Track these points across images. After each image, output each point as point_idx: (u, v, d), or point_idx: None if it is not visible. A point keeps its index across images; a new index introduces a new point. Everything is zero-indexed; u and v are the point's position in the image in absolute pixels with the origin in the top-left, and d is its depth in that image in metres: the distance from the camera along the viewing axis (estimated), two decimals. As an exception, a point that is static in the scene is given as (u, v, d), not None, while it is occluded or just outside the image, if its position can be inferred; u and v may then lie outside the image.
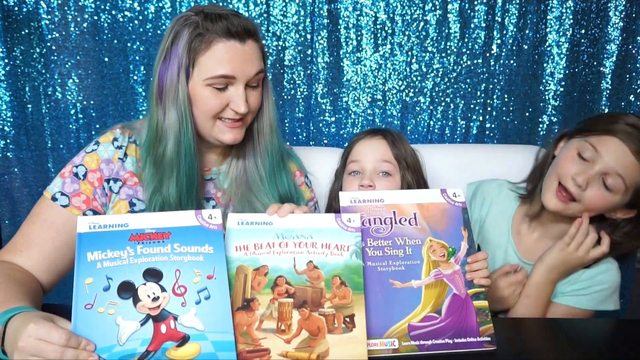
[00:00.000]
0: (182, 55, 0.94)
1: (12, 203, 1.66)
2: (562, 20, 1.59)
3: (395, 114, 1.66)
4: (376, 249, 0.88)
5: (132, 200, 1.02)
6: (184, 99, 0.95)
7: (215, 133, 1.00)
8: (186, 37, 0.94)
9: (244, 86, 0.97)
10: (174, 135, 0.96)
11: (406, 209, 0.92)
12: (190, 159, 0.98)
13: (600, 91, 1.64)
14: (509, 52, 1.61)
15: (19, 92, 1.58)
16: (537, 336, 0.90)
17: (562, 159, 1.07)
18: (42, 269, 0.97)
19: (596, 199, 1.02)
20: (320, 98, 1.64)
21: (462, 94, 1.64)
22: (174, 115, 0.96)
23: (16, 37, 1.55)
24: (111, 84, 1.59)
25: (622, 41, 1.60)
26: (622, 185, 1.00)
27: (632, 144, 0.98)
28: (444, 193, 0.95)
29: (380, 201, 0.93)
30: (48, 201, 1.00)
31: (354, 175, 1.09)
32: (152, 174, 0.99)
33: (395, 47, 1.61)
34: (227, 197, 1.08)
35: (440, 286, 0.87)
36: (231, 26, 0.93)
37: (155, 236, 0.79)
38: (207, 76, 0.94)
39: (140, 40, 1.57)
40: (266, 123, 1.06)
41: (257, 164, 1.07)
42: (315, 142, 1.67)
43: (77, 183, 1.01)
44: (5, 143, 1.61)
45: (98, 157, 1.02)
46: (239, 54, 0.95)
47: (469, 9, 1.58)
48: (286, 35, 1.59)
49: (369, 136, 1.09)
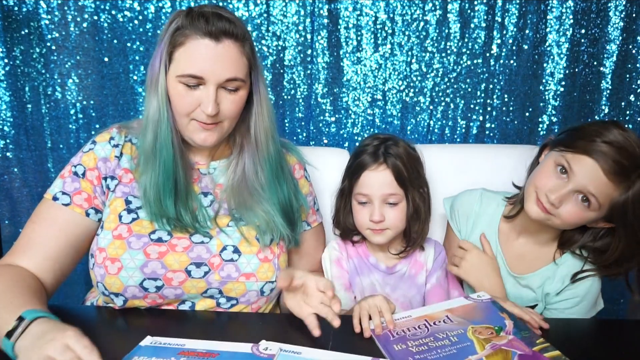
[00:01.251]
0: (163, 48, 0.95)
1: (12, 203, 1.66)
2: (562, 20, 1.59)
3: (395, 114, 1.66)
4: (420, 346, 0.86)
5: (127, 198, 1.02)
6: (163, 91, 0.96)
7: (190, 132, 0.99)
8: (170, 31, 0.95)
9: (214, 88, 0.94)
10: (152, 126, 0.97)
11: (436, 315, 0.94)
12: (166, 150, 0.98)
13: (600, 91, 1.64)
14: (509, 52, 1.61)
15: (18, 92, 1.58)
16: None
17: (540, 170, 1.07)
18: (46, 269, 0.97)
19: (570, 215, 1.01)
20: (320, 98, 1.64)
21: (462, 94, 1.64)
22: (155, 106, 0.97)
23: (16, 37, 1.55)
24: (111, 84, 1.59)
25: (622, 41, 1.60)
26: (596, 203, 0.99)
27: (606, 165, 0.97)
28: (468, 297, 0.99)
29: (407, 317, 0.94)
30: (49, 202, 1.00)
31: (363, 205, 1.13)
32: (142, 168, 1.00)
33: (395, 47, 1.61)
34: (224, 195, 1.07)
35: (502, 353, 0.83)
36: (207, 25, 0.92)
37: (203, 354, 0.81)
38: (179, 73, 0.94)
39: (140, 40, 1.57)
40: (261, 131, 1.04)
41: (258, 171, 1.06)
42: (315, 142, 1.67)
43: (77, 182, 1.00)
44: (5, 143, 1.62)
45: (95, 156, 1.02)
46: (211, 54, 0.93)
47: (469, 9, 1.58)
48: (286, 35, 1.59)
49: (374, 165, 1.11)
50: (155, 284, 0.98)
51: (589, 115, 1.65)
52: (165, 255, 0.98)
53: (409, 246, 1.16)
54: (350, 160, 1.18)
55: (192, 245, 1.01)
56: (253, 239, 1.04)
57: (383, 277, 1.17)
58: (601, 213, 1.01)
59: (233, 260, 1.02)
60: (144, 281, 0.97)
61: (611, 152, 0.97)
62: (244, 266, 1.02)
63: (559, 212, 1.01)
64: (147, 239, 0.99)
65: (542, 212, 1.03)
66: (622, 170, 0.96)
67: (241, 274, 1.02)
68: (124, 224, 0.99)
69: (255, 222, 1.05)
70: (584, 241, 1.10)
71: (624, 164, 0.96)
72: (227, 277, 1.01)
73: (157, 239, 0.99)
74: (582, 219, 1.02)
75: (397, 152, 1.11)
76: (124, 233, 0.98)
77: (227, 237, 1.03)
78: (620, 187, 0.97)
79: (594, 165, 0.98)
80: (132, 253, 0.97)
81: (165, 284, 0.98)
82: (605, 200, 0.99)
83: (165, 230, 1.00)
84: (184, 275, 0.99)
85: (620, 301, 1.77)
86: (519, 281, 1.15)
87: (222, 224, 1.05)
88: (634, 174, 0.97)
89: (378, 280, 1.17)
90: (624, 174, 0.96)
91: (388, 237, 1.13)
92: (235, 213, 1.06)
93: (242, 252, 1.03)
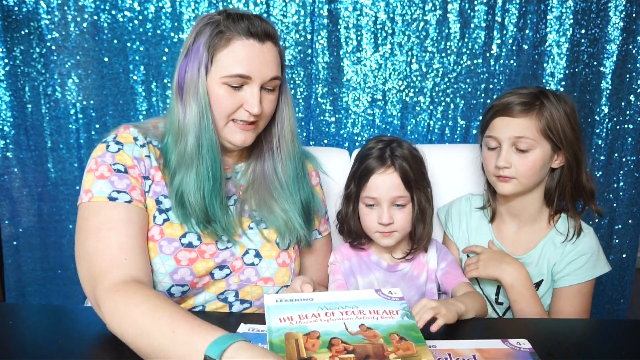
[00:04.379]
0: (202, 52, 0.94)
1: (12, 203, 1.65)
2: (562, 20, 1.59)
3: (395, 114, 1.66)
4: None
5: (158, 198, 0.99)
6: (204, 94, 0.95)
7: (226, 133, 1.00)
8: (207, 33, 0.95)
9: (259, 87, 0.96)
10: (194, 130, 0.96)
11: (462, 352, 0.83)
12: (212, 153, 0.97)
13: (600, 91, 1.64)
14: (509, 52, 1.61)
15: (19, 92, 1.58)
16: (537, 336, 0.90)
17: (483, 160, 1.21)
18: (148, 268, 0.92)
19: (523, 164, 1.12)
20: (320, 98, 1.64)
21: (462, 94, 1.64)
22: (195, 111, 0.96)
23: (16, 37, 1.55)
24: (111, 84, 1.59)
25: (622, 41, 1.60)
26: (528, 141, 1.11)
27: (510, 111, 1.12)
28: (506, 342, 0.86)
29: (432, 347, 0.85)
30: (107, 204, 0.92)
31: (371, 209, 1.14)
32: (174, 171, 0.98)
33: (395, 47, 1.61)
34: (245, 195, 1.07)
35: None
36: (251, 26, 0.94)
37: None
38: (224, 74, 0.94)
39: (140, 40, 1.57)
40: (287, 129, 1.06)
41: (278, 169, 1.06)
42: (315, 142, 1.67)
43: (126, 178, 0.95)
44: (5, 143, 1.61)
45: (128, 155, 0.97)
46: (257, 54, 0.95)
47: (469, 9, 1.58)
48: (286, 35, 1.59)
49: (382, 168, 1.11)
50: (182, 290, 0.99)
51: (589, 115, 1.65)
52: (195, 262, 0.98)
53: (415, 248, 1.16)
54: (356, 164, 1.17)
55: (217, 252, 1.01)
56: (273, 243, 1.06)
57: (384, 275, 1.17)
58: (545, 146, 1.12)
59: (254, 265, 1.03)
60: (172, 287, 0.98)
61: (511, 99, 1.13)
62: (263, 270, 1.04)
63: (515, 171, 1.12)
64: (178, 244, 0.98)
65: (506, 182, 1.14)
66: (524, 105, 1.12)
67: (260, 278, 1.04)
68: (157, 225, 0.98)
69: (275, 223, 1.05)
70: (556, 187, 1.18)
71: (524, 101, 1.12)
72: (246, 280, 1.03)
73: (187, 244, 0.98)
74: (534, 161, 1.12)
75: (403, 154, 1.12)
76: (156, 235, 0.97)
77: (250, 240, 1.05)
78: (533, 117, 1.11)
79: (502, 119, 1.13)
80: (163, 258, 0.96)
81: (191, 288, 1.00)
82: (532, 134, 1.11)
83: (195, 234, 0.99)
84: (208, 278, 1.01)
85: (620, 301, 1.77)
86: (523, 262, 1.19)
87: (244, 227, 1.06)
88: (537, 101, 1.12)
89: (379, 278, 1.17)
90: (528, 106, 1.11)
91: (396, 239, 1.13)
92: (256, 215, 1.06)
93: (263, 257, 1.04)
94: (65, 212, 1.67)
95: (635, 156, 1.68)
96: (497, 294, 1.21)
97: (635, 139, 1.66)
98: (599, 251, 1.18)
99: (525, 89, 1.16)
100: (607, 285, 1.74)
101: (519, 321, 1.10)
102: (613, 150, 1.68)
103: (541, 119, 1.11)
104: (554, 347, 0.85)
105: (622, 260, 1.72)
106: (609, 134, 1.66)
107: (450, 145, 1.64)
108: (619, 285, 1.75)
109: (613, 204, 1.69)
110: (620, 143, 1.67)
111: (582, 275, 1.15)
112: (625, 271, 1.74)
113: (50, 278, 1.71)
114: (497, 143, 1.14)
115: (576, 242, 1.17)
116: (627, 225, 1.71)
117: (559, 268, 1.17)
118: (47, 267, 1.70)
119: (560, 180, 1.17)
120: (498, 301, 1.22)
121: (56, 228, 1.68)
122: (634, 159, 1.68)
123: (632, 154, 1.67)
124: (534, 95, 1.13)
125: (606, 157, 1.68)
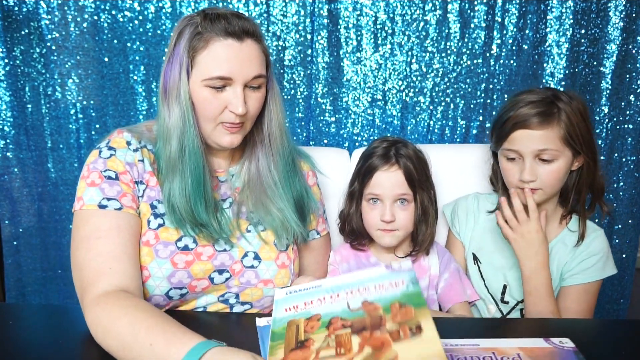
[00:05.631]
0: (182, 55, 0.94)
1: (12, 203, 1.66)
2: (562, 20, 1.59)
3: (395, 114, 1.66)
4: None
5: (152, 203, 0.99)
6: (186, 98, 0.94)
7: (215, 136, 0.99)
8: (187, 36, 0.94)
9: (242, 87, 0.95)
10: (177, 134, 0.96)
11: (507, 351, 0.82)
12: (195, 156, 0.96)
13: (600, 91, 1.64)
14: (509, 52, 1.61)
15: (19, 92, 1.58)
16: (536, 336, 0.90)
17: (503, 172, 1.19)
18: (136, 275, 0.92)
19: (549, 175, 1.11)
20: (320, 98, 1.64)
21: (462, 94, 1.64)
22: (177, 115, 0.95)
23: (16, 37, 1.55)
24: (111, 84, 1.59)
25: (622, 41, 1.60)
26: (552, 152, 1.09)
27: (531, 123, 1.09)
28: (548, 341, 0.86)
29: (474, 345, 0.84)
30: (97, 212, 0.92)
31: (374, 206, 1.14)
32: (164, 177, 0.98)
33: (395, 47, 1.61)
34: (242, 197, 1.07)
35: None
36: (228, 25, 0.93)
37: None
38: (205, 77, 0.94)
39: (140, 40, 1.57)
40: (276, 125, 1.05)
41: (271, 168, 1.06)
42: (315, 142, 1.67)
43: (117, 184, 0.95)
44: (5, 143, 1.61)
45: (120, 161, 0.97)
46: (236, 53, 0.94)
47: (469, 9, 1.58)
48: (286, 35, 1.59)
49: (386, 166, 1.11)
50: (180, 292, 0.99)
51: (589, 115, 1.65)
52: (192, 265, 0.98)
53: (416, 250, 1.16)
54: (360, 163, 1.18)
55: (215, 254, 1.01)
56: (272, 245, 1.06)
57: None
58: (567, 153, 1.11)
59: (253, 267, 1.03)
60: (170, 290, 0.97)
61: (527, 111, 1.10)
62: (263, 272, 1.03)
63: (541, 182, 1.11)
64: (174, 247, 0.98)
65: (532, 193, 1.11)
66: (542, 116, 1.09)
67: (260, 281, 1.03)
68: (152, 230, 0.97)
69: (272, 224, 1.05)
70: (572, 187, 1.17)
71: (541, 111, 1.09)
72: (246, 283, 1.02)
73: (183, 247, 0.98)
74: (559, 170, 1.11)
75: (408, 154, 1.13)
76: (152, 240, 0.97)
77: (248, 243, 1.04)
78: (554, 127, 1.09)
79: (522, 132, 1.10)
80: (159, 262, 0.96)
81: (189, 291, 0.99)
82: (555, 144, 1.09)
83: (191, 237, 0.99)
84: (207, 282, 1.00)
85: (620, 301, 1.77)
86: None
87: (242, 229, 1.05)
88: (554, 108, 1.10)
89: None
90: (546, 115, 1.09)
91: (398, 238, 1.13)
92: (254, 217, 1.06)
93: (262, 259, 1.04)
94: (65, 212, 1.67)
95: (635, 156, 1.68)
96: (503, 293, 1.21)
97: (635, 139, 1.66)
98: (609, 253, 1.18)
99: (535, 93, 1.13)
100: (607, 285, 1.74)
101: (518, 321, 1.09)
102: (613, 150, 1.68)
103: (561, 126, 1.09)
104: (554, 347, 0.85)
105: (622, 260, 1.72)
106: (609, 134, 1.67)
107: (450, 146, 1.64)
108: (619, 285, 1.75)
109: (613, 204, 1.69)
110: (620, 143, 1.67)
111: (591, 275, 1.15)
112: (625, 271, 1.74)
113: (50, 278, 1.71)
114: (519, 155, 1.12)
115: (588, 243, 1.17)
116: (627, 225, 1.71)
117: (569, 267, 1.17)
118: (47, 267, 1.70)
119: (578, 181, 1.16)
120: (504, 300, 1.21)
121: (56, 228, 1.68)
122: (634, 159, 1.68)
123: (632, 154, 1.67)
124: (549, 102, 1.10)
125: (606, 157, 1.68)
